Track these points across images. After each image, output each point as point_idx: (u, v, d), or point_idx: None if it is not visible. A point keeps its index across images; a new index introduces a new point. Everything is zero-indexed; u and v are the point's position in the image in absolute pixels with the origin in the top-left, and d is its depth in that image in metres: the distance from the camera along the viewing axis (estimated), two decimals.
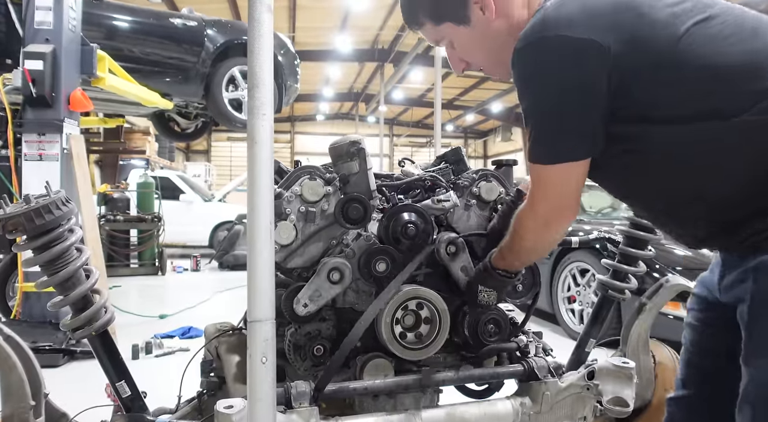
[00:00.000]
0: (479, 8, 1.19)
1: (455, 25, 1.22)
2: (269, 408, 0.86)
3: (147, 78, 5.20)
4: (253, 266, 0.87)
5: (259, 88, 0.85)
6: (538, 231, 1.20)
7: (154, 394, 1.68)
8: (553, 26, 1.01)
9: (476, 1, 1.19)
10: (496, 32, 1.21)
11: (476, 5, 1.19)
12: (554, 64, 1.01)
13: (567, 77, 1.01)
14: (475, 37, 1.23)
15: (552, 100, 1.04)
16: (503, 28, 1.20)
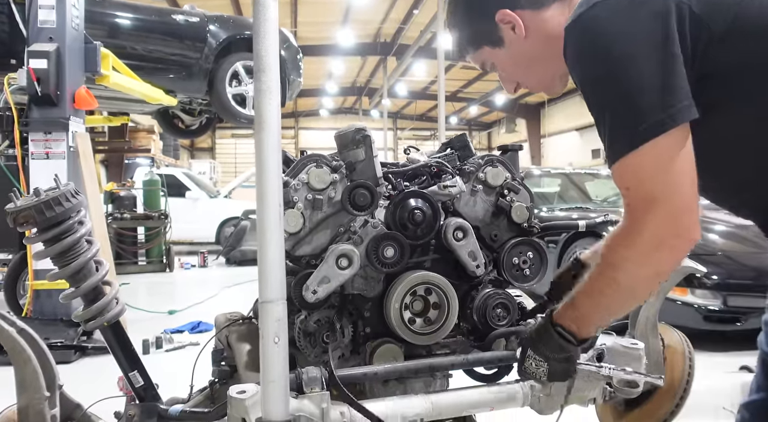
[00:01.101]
0: (510, 28, 1.14)
1: (491, 48, 1.20)
2: (282, 389, 0.87)
3: (150, 75, 5.21)
4: (264, 247, 0.88)
5: (266, 72, 0.85)
6: (643, 257, 0.88)
7: (166, 387, 1.70)
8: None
9: (503, 21, 1.13)
10: (532, 47, 1.15)
11: (506, 26, 1.14)
12: (625, 21, 0.87)
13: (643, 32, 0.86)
14: (513, 56, 1.19)
15: (631, 62, 0.86)
16: (539, 41, 1.14)
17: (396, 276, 1.48)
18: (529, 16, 1.12)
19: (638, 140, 0.84)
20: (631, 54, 0.85)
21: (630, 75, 0.85)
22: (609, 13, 0.88)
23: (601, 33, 0.89)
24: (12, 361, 1.41)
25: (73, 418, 1.64)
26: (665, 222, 0.84)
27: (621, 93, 0.86)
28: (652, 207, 0.84)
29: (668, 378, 1.90)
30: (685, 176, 0.84)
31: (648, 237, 0.85)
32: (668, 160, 0.83)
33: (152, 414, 1.55)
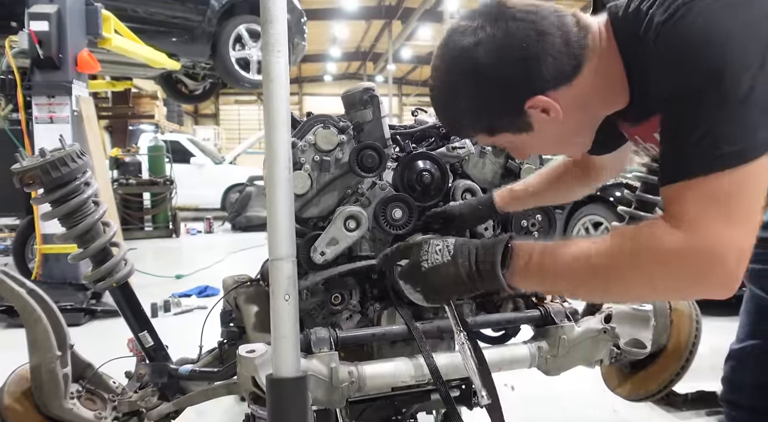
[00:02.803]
0: (540, 111, 0.93)
1: (514, 134, 0.99)
2: (293, 345, 0.87)
3: (152, 38, 5.14)
4: (273, 204, 0.87)
5: (273, 23, 0.83)
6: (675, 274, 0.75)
7: (175, 349, 1.72)
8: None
9: (534, 107, 0.92)
10: (570, 123, 0.96)
11: (537, 110, 0.93)
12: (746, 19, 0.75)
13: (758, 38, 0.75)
14: (544, 137, 0.99)
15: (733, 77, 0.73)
16: (578, 112, 0.96)
17: (403, 238, 1.47)
18: (564, 93, 0.92)
19: (709, 167, 0.73)
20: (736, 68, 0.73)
21: (733, 90, 0.73)
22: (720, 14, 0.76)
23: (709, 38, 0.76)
24: (23, 321, 1.42)
25: (85, 377, 1.66)
26: (713, 263, 0.73)
27: (702, 120, 0.75)
28: (707, 244, 0.72)
29: (674, 341, 1.91)
30: (753, 218, 0.73)
31: (696, 265, 0.73)
32: (743, 194, 0.73)
33: (162, 373, 1.57)
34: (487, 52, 0.88)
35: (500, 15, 0.89)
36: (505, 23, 0.88)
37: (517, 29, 0.88)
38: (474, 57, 0.89)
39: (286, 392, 0.86)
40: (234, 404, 2.51)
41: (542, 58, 0.88)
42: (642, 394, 2.04)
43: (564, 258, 0.84)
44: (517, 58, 0.88)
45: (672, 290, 0.79)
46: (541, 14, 0.89)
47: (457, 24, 0.94)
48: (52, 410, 1.49)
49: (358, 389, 1.31)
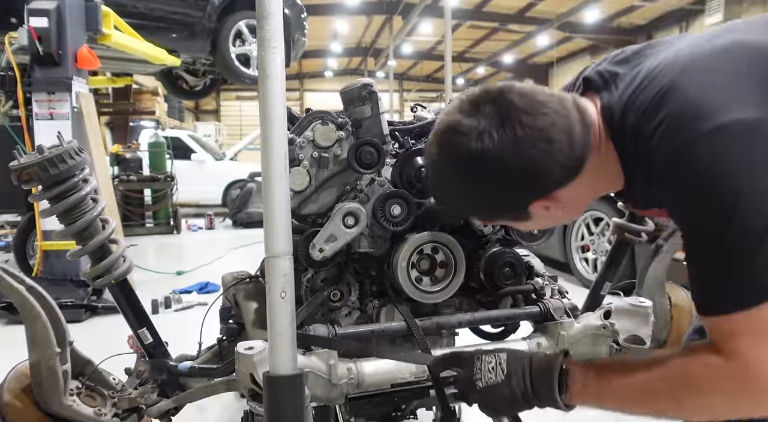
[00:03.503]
0: (542, 208, 0.96)
1: (514, 221, 1.05)
2: (290, 342, 0.87)
3: (152, 34, 5.13)
4: (269, 201, 0.87)
5: (268, 19, 0.82)
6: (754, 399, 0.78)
7: (175, 345, 1.72)
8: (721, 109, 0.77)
9: (535, 206, 0.95)
10: (567, 212, 1.00)
11: (536, 208, 0.96)
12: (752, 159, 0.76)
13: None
14: (539, 222, 1.04)
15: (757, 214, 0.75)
16: (577, 204, 1.00)
17: (402, 234, 1.47)
18: (564, 191, 0.94)
19: (754, 300, 0.76)
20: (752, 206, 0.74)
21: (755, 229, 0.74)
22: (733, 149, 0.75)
23: (724, 175, 0.76)
24: (22, 318, 1.42)
25: (84, 374, 1.66)
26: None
27: (736, 254, 0.76)
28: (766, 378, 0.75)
29: (674, 337, 1.91)
30: None
31: (756, 395, 0.77)
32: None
33: (162, 370, 1.57)
34: (495, 160, 0.86)
35: (506, 118, 0.86)
36: (513, 130, 0.86)
37: (524, 138, 0.85)
38: (481, 164, 0.88)
39: (283, 389, 0.86)
40: (234, 400, 2.51)
41: (549, 167, 0.88)
42: None
43: (621, 384, 0.87)
44: (524, 169, 0.87)
45: (734, 414, 0.82)
46: (548, 118, 0.87)
47: (460, 121, 0.90)
48: (51, 407, 1.49)
49: (357, 386, 1.31)
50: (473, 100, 0.91)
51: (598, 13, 16.59)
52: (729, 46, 0.85)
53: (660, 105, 0.82)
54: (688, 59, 0.85)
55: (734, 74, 0.80)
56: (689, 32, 0.96)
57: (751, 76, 0.80)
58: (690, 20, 16.01)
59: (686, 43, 0.91)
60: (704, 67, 0.83)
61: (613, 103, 0.91)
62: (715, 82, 0.80)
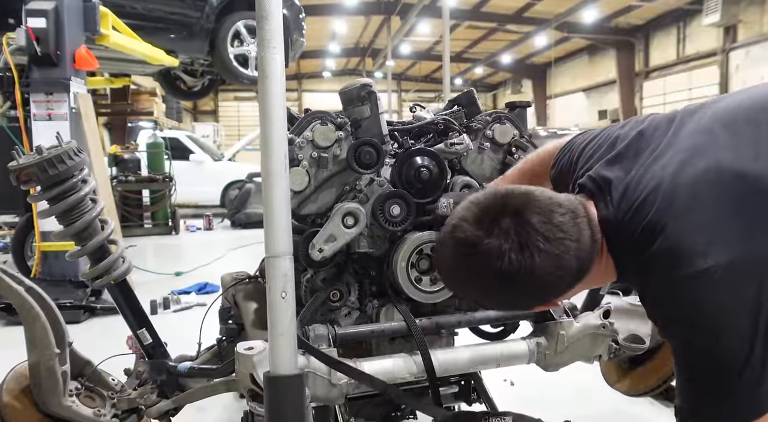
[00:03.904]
0: (545, 305, 1.09)
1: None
2: (290, 342, 0.87)
3: (150, 35, 5.12)
4: (269, 202, 0.87)
5: (268, 20, 0.82)
6: None
7: (174, 346, 1.72)
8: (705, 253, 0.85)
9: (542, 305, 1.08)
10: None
11: (543, 305, 1.09)
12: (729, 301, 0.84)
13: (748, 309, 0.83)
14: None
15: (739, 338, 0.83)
16: (579, 291, 1.07)
17: (402, 234, 1.47)
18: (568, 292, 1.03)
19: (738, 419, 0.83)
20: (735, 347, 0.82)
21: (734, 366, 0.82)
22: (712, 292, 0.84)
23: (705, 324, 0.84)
24: (21, 319, 1.42)
25: (84, 374, 1.66)
26: None
27: (724, 381, 0.83)
28: None
29: None
30: None
31: None
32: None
33: (161, 370, 1.57)
34: (513, 280, 0.93)
35: (526, 244, 0.92)
36: (531, 256, 0.91)
37: (542, 263, 0.92)
38: (500, 282, 0.94)
39: (284, 389, 0.86)
40: (233, 401, 2.51)
41: (558, 287, 0.97)
42: (641, 389, 2.05)
43: None
44: (537, 288, 0.95)
45: None
46: (563, 245, 0.92)
47: (482, 239, 0.94)
48: (51, 407, 1.49)
49: (357, 386, 1.31)
50: (491, 214, 0.95)
51: (596, 13, 16.61)
52: (721, 175, 0.89)
53: (652, 239, 0.89)
54: (679, 188, 0.91)
55: (720, 213, 0.87)
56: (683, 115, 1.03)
57: (738, 214, 0.86)
58: (687, 20, 16.03)
59: (678, 152, 0.95)
60: (692, 207, 0.88)
61: (610, 218, 0.97)
62: (700, 224, 0.86)
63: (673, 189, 0.90)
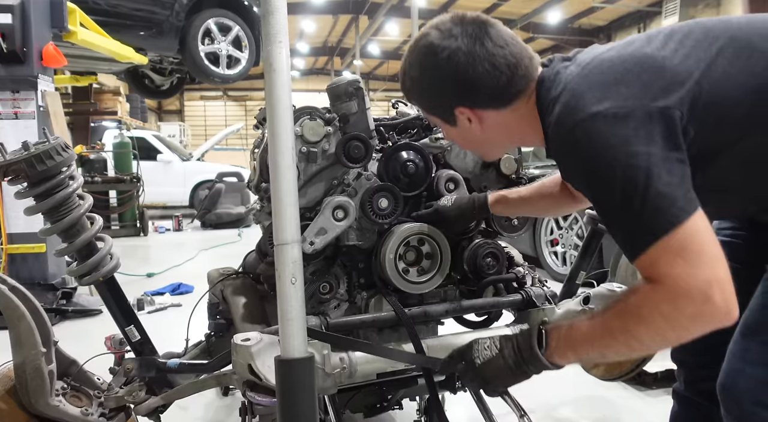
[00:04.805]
0: (466, 119, 1.13)
1: (443, 122, 1.20)
2: (301, 326, 0.90)
3: (118, 32, 5.03)
4: (278, 190, 0.89)
5: (273, 14, 0.84)
6: (677, 322, 0.88)
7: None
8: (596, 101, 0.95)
9: (461, 113, 1.12)
10: (485, 136, 1.17)
11: (462, 115, 1.13)
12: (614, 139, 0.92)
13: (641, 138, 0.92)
14: (463, 136, 1.20)
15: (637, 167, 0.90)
16: (494, 132, 1.16)
17: (389, 227, 1.50)
18: (489, 114, 1.12)
19: (660, 232, 0.88)
20: (628, 168, 0.90)
21: (633, 188, 0.90)
22: (601, 134, 0.93)
23: (596, 157, 0.93)
24: (6, 319, 1.40)
25: (69, 374, 1.65)
26: (712, 278, 0.86)
27: (631, 204, 0.90)
28: (698, 267, 0.86)
29: None
30: (713, 256, 0.87)
31: (698, 291, 0.86)
32: (695, 242, 0.87)
33: (150, 367, 1.57)
34: (449, 59, 1.06)
35: (477, 37, 1.06)
36: (474, 46, 1.05)
37: (478, 56, 1.05)
38: (437, 57, 1.07)
39: (296, 372, 0.88)
40: (215, 398, 2.51)
41: (484, 85, 1.07)
42: (616, 374, 2.13)
43: (585, 329, 1.00)
44: (465, 76, 1.06)
45: (681, 334, 0.90)
46: (504, 51, 1.06)
47: (444, 21, 1.10)
48: (37, 407, 1.48)
49: (349, 375, 1.34)
50: (466, 17, 1.10)
51: (560, 14, 16.94)
52: (623, 56, 1.01)
53: (561, 94, 1.02)
54: (589, 65, 1.03)
55: (614, 79, 0.97)
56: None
57: (629, 81, 0.96)
58: (647, 22, 16.49)
59: (613, 48, 1.07)
60: (589, 74, 1.00)
61: (546, 76, 1.09)
62: (594, 84, 0.98)
63: (585, 65, 1.02)
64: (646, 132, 0.91)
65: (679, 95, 0.94)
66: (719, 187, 1.02)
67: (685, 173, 0.92)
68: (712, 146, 0.98)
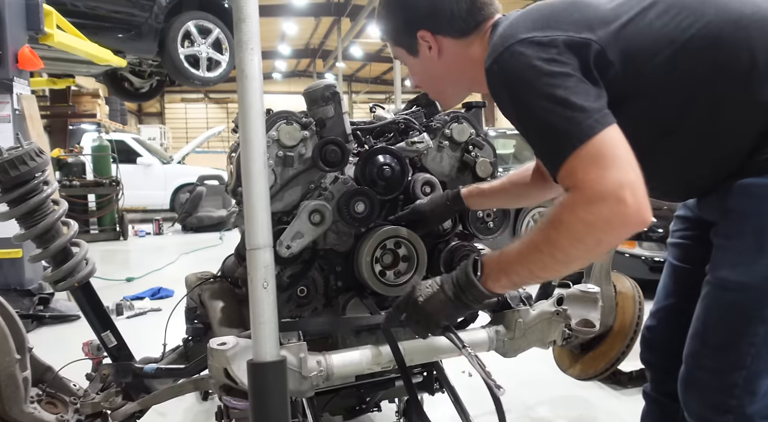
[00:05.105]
0: (427, 47, 1.21)
1: (407, 53, 1.26)
2: (273, 330, 0.91)
3: (96, 34, 4.98)
4: (249, 197, 0.90)
5: (246, 22, 0.86)
6: (593, 226, 0.90)
7: (131, 351, 1.70)
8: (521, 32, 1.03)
9: (423, 39, 1.20)
10: (443, 68, 1.24)
11: (424, 43, 1.21)
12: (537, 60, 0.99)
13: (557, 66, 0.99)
14: (424, 68, 1.27)
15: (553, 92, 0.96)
16: (451, 65, 1.23)
17: (366, 230, 1.52)
18: (448, 43, 1.20)
19: (577, 142, 0.93)
20: (547, 85, 0.97)
21: (553, 102, 0.96)
22: (525, 56, 0.99)
23: (520, 74, 1.00)
24: None
25: (44, 381, 1.63)
26: (624, 180, 0.89)
27: (551, 117, 0.96)
28: (610, 170, 0.90)
29: (620, 321, 2.04)
30: (626, 161, 0.91)
31: (610, 193, 0.89)
32: (608, 150, 0.92)
33: (127, 372, 1.56)
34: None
35: None
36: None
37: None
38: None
39: (268, 376, 0.89)
40: (195, 403, 2.50)
41: (445, 9, 1.16)
42: (591, 373, 2.17)
43: (514, 250, 1.02)
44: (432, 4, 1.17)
45: (601, 239, 0.92)
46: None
47: None
48: (12, 415, 1.46)
49: (326, 378, 1.34)
50: None
51: None
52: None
53: (502, 28, 1.10)
54: (542, 3, 1.11)
55: (556, 12, 1.06)
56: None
57: (572, 14, 1.05)
58: None
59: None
60: (523, 14, 1.10)
61: (499, 20, 1.17)
62: (526, 19, 1.07)
63: (529, 7, 1.11)
64: (567, 57, 0.98)
65: (603, 32, 1.02)
66: (638, 133, 1.02)
67: (602, 95, 0.98)
68: (632, 91, 1.04)
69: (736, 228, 1.06)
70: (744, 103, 1.02)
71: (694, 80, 1.02)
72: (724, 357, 1.08)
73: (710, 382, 1.10)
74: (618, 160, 0.90)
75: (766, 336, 1.03)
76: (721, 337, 1.08)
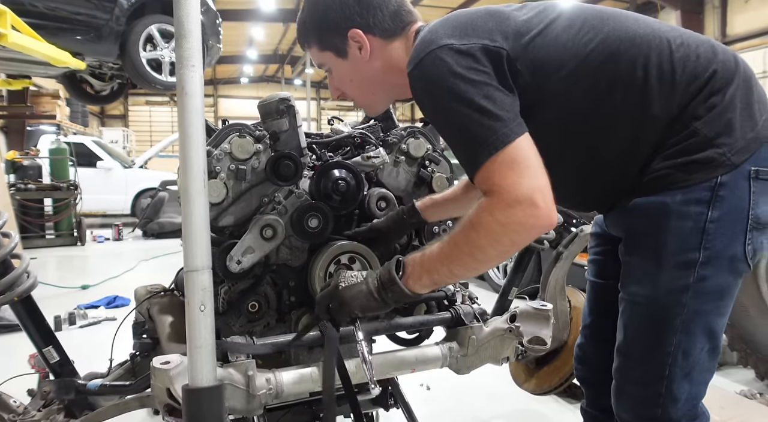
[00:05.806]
0: (357, 47, 1.23)
1: (335, 56, 1.26)
2: (209, 355, 0.88)
3: (54, 36, 4.83)
4: (188, 216, 0.87)
5: (187, 38, 0.83)
6: (508, 227, 0.96)
7: (82, 364, 1.64)
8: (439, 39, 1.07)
9: (353, 38, 1.22)
10: (371, 71, 1.26)
11: (355, 43, 1.22)
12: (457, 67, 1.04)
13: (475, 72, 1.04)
14: (352, 71, 1.27)
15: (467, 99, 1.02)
16: (379, 67, 1.25)
17: (320, 245, 1.50)
18: (376, 43, 1.23)
19: (494, 149, 0.99)
20: (467, 92, 1.02)
21: (471, 109, 1.01)
22: (445, 62, 1.03)
23: (441, 80, 1.04)
24: None
25: None
26: (535, 186, 0.96)
27: (470, 123, 1.01)
28: (523, 177, 0.97)
29: (574, 337, 2.07)
30: (537, 168, 0.98)
31: (523, 197, 0.96)
32: (522, 158, 0.99)
33: (69, 389, 1.51)
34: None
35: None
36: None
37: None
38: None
39: (203, 402, 0.86)
40: (147, 417, 2.43)
41: (375, 8, 1.20)
42: (546, 388, 2.19)
43: (436, 250, 1.07)
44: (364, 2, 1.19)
45: (514, 240, 0.99)
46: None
47: None
48: None
49: (276, 396, 1.32)
50: None
51: None
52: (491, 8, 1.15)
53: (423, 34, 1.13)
54: (461, 11, 1.16)
55: (474, 21, 1.10)
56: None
57: (488, 23, 1.10)
58: None
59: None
60: (441, 22, 1.13)
61: (422, 26, 1.21)
62: (445, 26, 1.10)
63: (455, 14, 1.15)
64: (484, 65, 1.03)
65: (515, 43, 1.07)
66: (545, 140, 1.07)
67: (515, 103, 1.04)
68: (540, 100, 1.09)
69: (636, 245, 1.13)
70: (637, 117, 1.08)
71: (596, 92, 1.08)
72: (647, 369, 1.14)
73: (639, 394, 1.16)
74: (531, 167, 0.98)
75: (678, 344, 1.10)
76: (642, 350, 1.14)
